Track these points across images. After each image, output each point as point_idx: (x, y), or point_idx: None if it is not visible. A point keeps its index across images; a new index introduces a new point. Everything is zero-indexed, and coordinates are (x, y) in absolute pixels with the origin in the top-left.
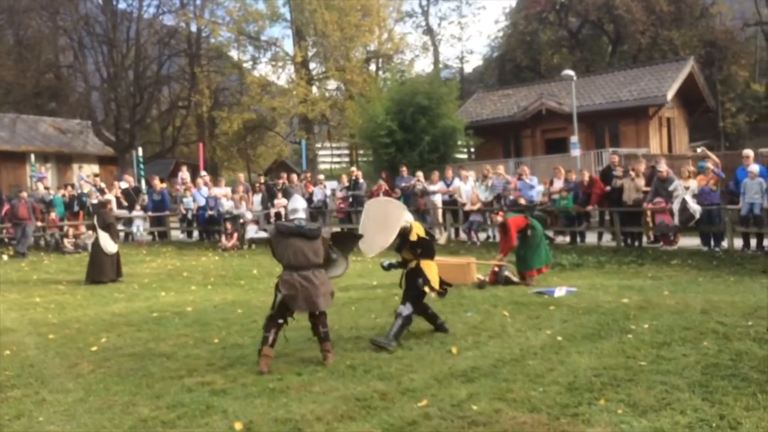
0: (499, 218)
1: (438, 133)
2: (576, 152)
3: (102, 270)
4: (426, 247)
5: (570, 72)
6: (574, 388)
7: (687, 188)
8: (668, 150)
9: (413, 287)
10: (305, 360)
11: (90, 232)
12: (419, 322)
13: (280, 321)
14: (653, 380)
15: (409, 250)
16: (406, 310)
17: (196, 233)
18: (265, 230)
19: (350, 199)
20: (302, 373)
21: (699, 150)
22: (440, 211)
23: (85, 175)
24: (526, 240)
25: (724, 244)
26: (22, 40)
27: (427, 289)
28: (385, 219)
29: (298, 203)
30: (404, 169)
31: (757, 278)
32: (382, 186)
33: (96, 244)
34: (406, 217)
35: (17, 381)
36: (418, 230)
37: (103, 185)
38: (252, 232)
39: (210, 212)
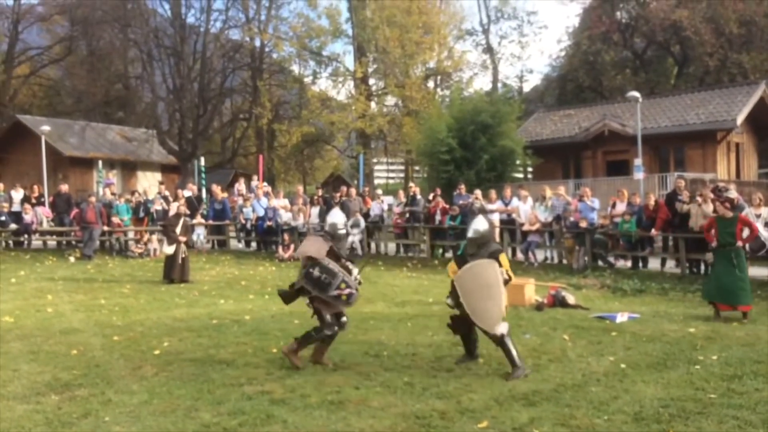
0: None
1: (497, 152)
2: (639, 175)
3: (169, 270)
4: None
5: (635, 93)
6: (641, 418)
7: (758, 216)
8: (736, 176)
9: None
10: (362, 374)
11: (154, 237)
12: (485, 342)
13: None
14: (724, 414)
15: None
16: (502, 328)
17: (254, 243)
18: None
19: (407, 215)
20: (360, 387)
21: None
22: (498, 231)
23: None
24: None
25: None
26: (94, 51)
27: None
28: (483, 284)
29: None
30: (462, 187)
31: None
32: (440, 203)
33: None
34: (497, 269)
35: (84, 380)
36: (507, 265)
37: (167, 193)
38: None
39: (269, 223)
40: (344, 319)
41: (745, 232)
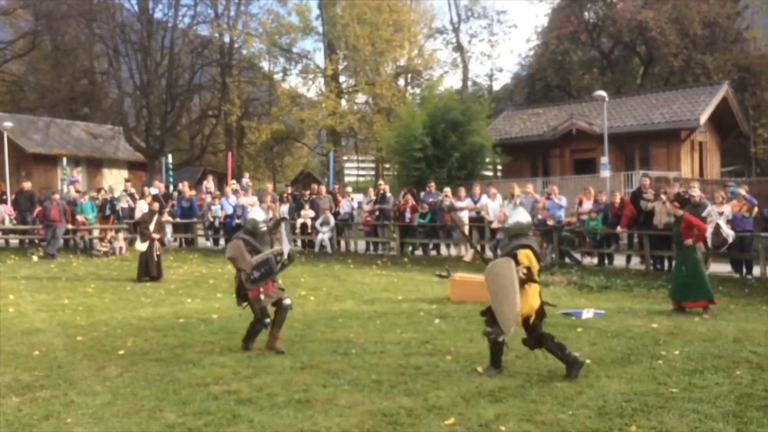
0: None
1: (467, 150)
2: (606, 173)
3: (144, 268)
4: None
5: (602, 92)
6: (605, 413)
7: (721, 213)
8: (699, 174)
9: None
10: (330, 372)
11: (119, 235)
12: (454, 340)
13: None
14: (685, 408)
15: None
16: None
17: (222, 241)
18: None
19: (377, 213)
20: (327, 385)
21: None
22: (466, 228)
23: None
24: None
25: (756, 271)
26: (59, 46)
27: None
28: (500, 284)
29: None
30: (432, 185)
31: None
32: (409, 201)
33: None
34: (512, 268)
35: (46, 381)
36: (527, 260)
37: (133, 190)
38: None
39: (237, 221)
40: (287, 301)
41: (712, 229)
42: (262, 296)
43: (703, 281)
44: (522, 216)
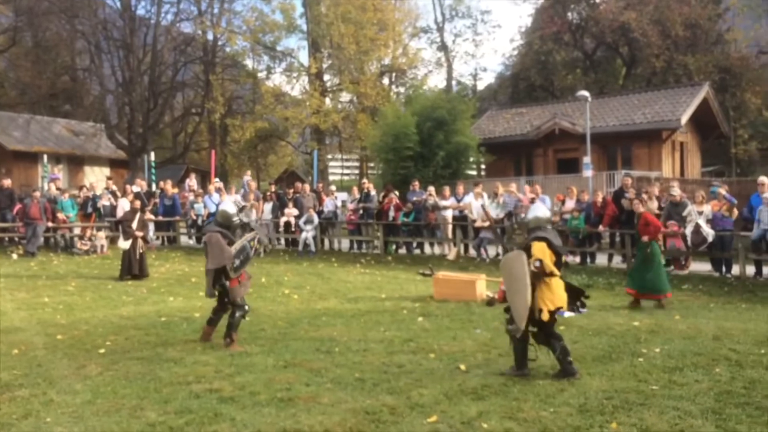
0: None
1: (452, 149)
2: (588, 173)
3: (128, 266)
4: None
5: (585, 93)
6: (586, 410)
7: (701, 213)
8: (680, 174)
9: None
10: (313, 370)
11: (101, 233)
12: (437, 338)
13: None
14: (665, 405)
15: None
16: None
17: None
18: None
19: (361, 212)
20: (310, 384)
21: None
22: (450, 227)
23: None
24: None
25: (736, 270)
26: (40, 42)
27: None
28: (512, 277)
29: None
30: (416, 183)
31: None
32: (393, 199)
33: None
34: (524, 260)
35: (25, 380)
36: (540, 253)
37: (114, 188)
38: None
39: None
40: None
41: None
42: (240, 286)
43: (660, 276)
44: (541, 210)
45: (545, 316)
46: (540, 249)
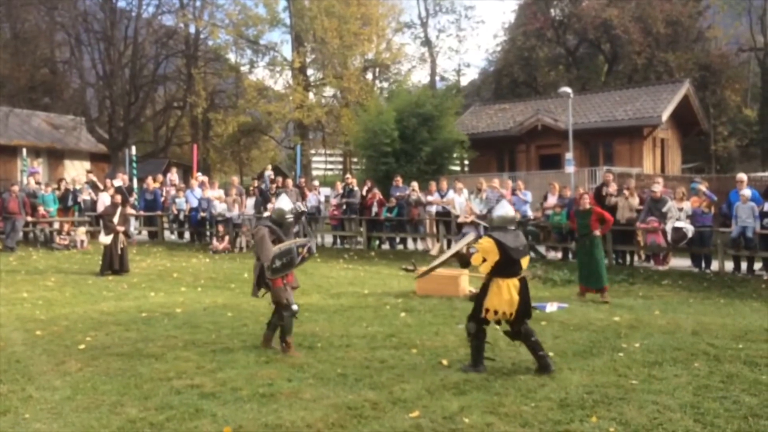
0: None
1: (438, 145)
2: (570, 169)
3: (108, 261)
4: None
5: (567, 89)
6: (566, 404)
7: (681, 209)
8: (661, 170)
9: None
10: (295, 366)
11: (80, 228)
12: (419, 333)
13: None
14: (645, 400)
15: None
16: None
17: (187, 234)
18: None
19: (344, 207)
20: (292, 379)
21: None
22: (433, 222)
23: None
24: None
25: (715, 266)
26: (18, 34)
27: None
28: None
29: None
30: (399, 179)
31: (748, 301)
32: (376, 195)
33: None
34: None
35: (3, 377)
36: (482, 248)
37: (95, 178)
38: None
39: (202, 214)
40: (295, 307)
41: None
42: (286, 286)
43: (601, 269)
44: (505, 209)
45: (490, 316)
46: (486, 244)
